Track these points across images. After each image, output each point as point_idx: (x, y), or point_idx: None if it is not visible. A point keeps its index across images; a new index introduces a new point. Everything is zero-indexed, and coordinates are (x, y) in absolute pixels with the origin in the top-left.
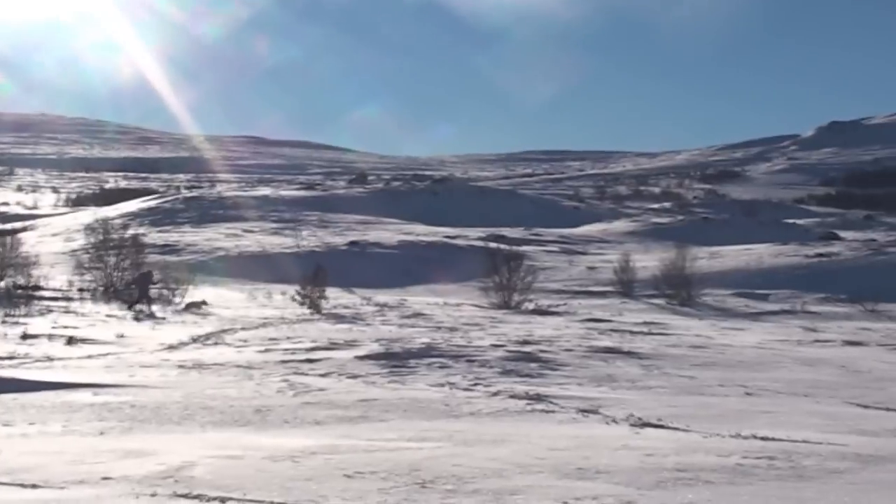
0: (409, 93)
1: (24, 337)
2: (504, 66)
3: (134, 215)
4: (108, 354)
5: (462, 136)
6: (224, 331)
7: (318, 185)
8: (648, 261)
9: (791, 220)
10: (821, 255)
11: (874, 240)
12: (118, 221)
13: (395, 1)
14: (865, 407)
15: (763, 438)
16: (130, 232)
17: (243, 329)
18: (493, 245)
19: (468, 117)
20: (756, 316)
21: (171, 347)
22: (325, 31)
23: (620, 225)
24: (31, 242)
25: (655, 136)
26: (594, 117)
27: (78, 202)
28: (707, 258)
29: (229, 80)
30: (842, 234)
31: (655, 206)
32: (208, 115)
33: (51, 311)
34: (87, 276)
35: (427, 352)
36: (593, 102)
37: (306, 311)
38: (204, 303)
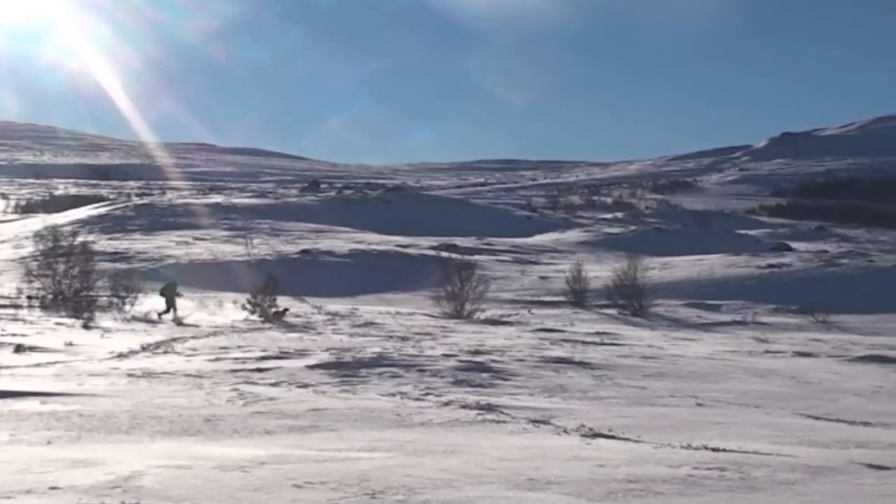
0: (363, 103)
1: None
2: (460, 78)
3: (84, 222)
4: (56, 363)
5: (416, 144)
6: (174, 339)
7: (270, 192)
8: (601, 271)
9: (743, 231)
10: (772, 266)
11: (826, 251)
12: (68, 229)
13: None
14: (815, 418)
15: (714, 449)
16: (80, 239)
17: (193, 338)
18: (445, 254)
19: (424, 127)
20: (708, 326)
21: (121, 356)
22: (283, 41)
23: (573, 235)
24: None
25: (608, 145)
26: (547, 127)
27: (27, 209)
28: (659, 269)
29: (183, 87)
30: (793, 245)
31: (608, 216)
32: (160, 122)
33: None
34: (36, 284)
35: (378, 361)
36: (546, 113)
37: (257, 319)
38: (287, 310)
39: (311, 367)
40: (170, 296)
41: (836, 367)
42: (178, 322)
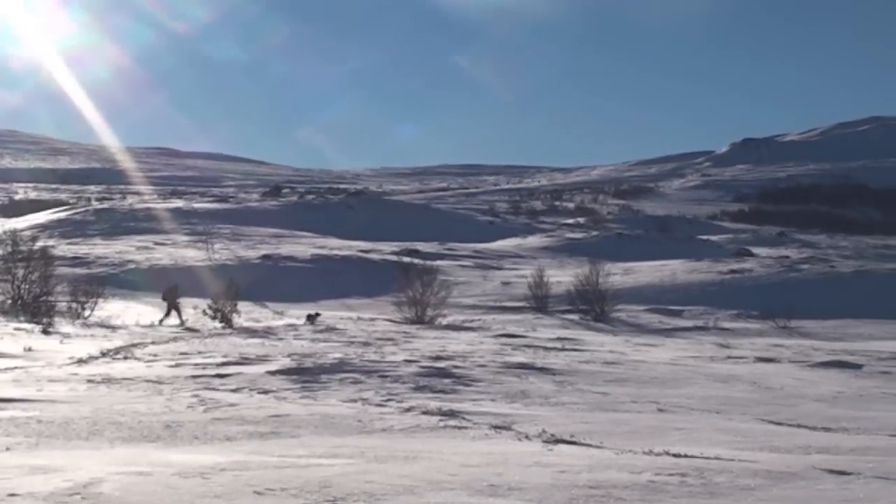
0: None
1: None
2: (424, 83)
3: (43, 227)
4: (15, 368)
5: (378, 149)
6: (134, 345)
7: (232, 197)
8: (563, 276)
9: (705, 237)
10: (734, 271)
11: (787, 256)
12: (27, 233)
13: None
14: (777, 424)
15: (675, 455)
16: (40, 244)
17: (154, 343)
18: (407, 259)
19: (385, 131)
20: (669, 332)
21: (81, 361)
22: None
23: (535, 240)
24: None
25: (570, 151)
26: (510, 132)
27: None
28: (621, 274)
29: (144, 91)
30: (755, 250)
31: (570, 221)
32: (121, 126)
33: None
34: None
35: (339, 367)
36: (509, 117)
37: (218, 325)
38: (318, 314)
39: (272, 373)
40: (172, 300)
41: (797, 372)
42: (182, 325)
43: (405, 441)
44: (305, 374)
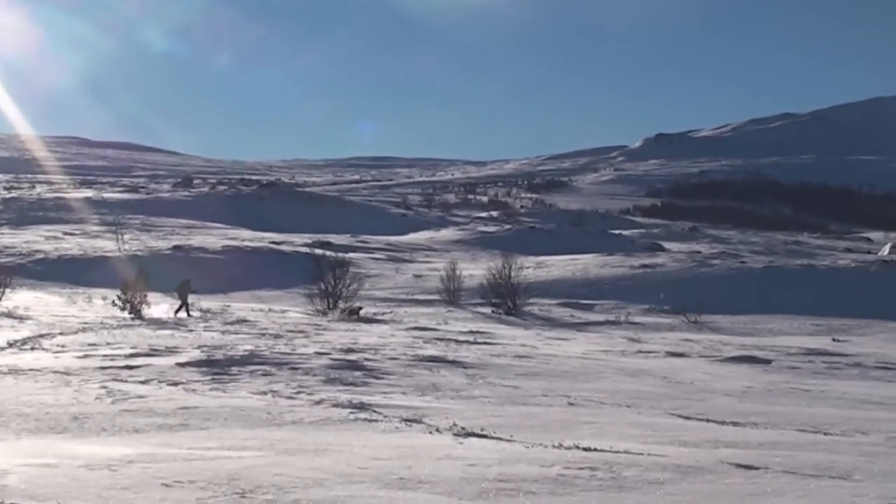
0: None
1: None
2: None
3: None
4: None
5: (291, 140)
6: (42, 335)
7: (143, 187)
8: (475, 269)
9: (617, 231)
10: (645, 266)
11: (698, 251)
12: None
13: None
14: (686, 418)
15: (585, 449)
16: None
17: (62, 334)
18: (319, 251)
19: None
20: (581, 326)
21: None
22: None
23: (448, 233)
24: None
25: (484, 144)
26: (423, 125)
27: None
28: (533, 268)
29: (54, 79)
30: (667, 245)
31: (483, 214)
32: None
33: None
34: None
35: (250, 359)
36: (422, 109)
37: (127, 316)
38: (361, 308)
39: (182, 365)
40: (184, 293)
41: (707, 367)
42: (189, 315)
43: (315, 434)
44: (215, 366)
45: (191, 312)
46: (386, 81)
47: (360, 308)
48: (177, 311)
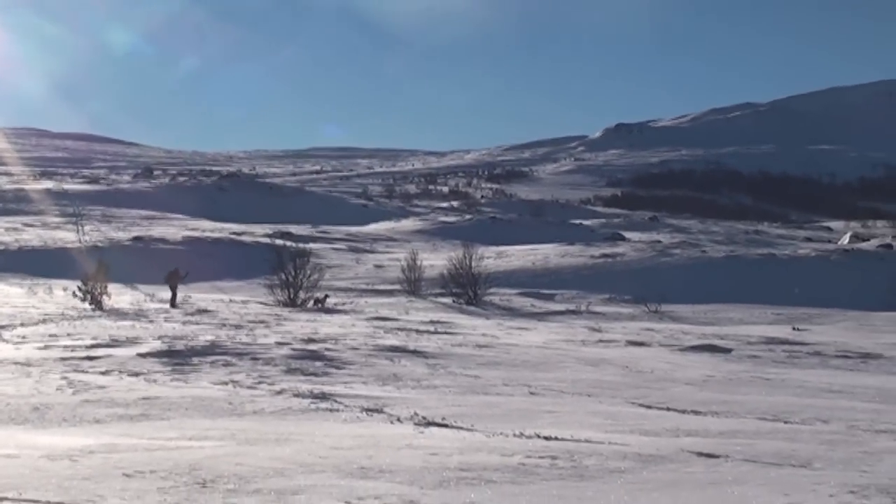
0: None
1: None
2: (294, 65)
3: None
4: None
5: (251, 131)
6: (2, 327)
7: (103, 179)
8: (436, 260)
9: (577, 221)
10: (606, 255)
11: (659, 241)
12: None
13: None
14: (647, 407)
15: (546, 438)
16: None
17: (22, 325)
18: (279, 242)
19: (257, 112)
20: (542, 316)
21: None
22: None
23: (408, 223)
24: None
25: (444, 135)
26: (383, 115)
27: None
28: (494, 258)
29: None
30: (627, 235)
31: (444, 205)
32: None
33: None
34: None
35: (211, 349)
36: (383, 101)
37: (88, 307)
38: (327, 296)
39: (143, 356)
40: (174, 284)
41: (667, 356)
42: (173, 305)
43: (276, 423)
44: (176, 357)
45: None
46: (346, 74)
47: (327, 296)
48: (172, 302)
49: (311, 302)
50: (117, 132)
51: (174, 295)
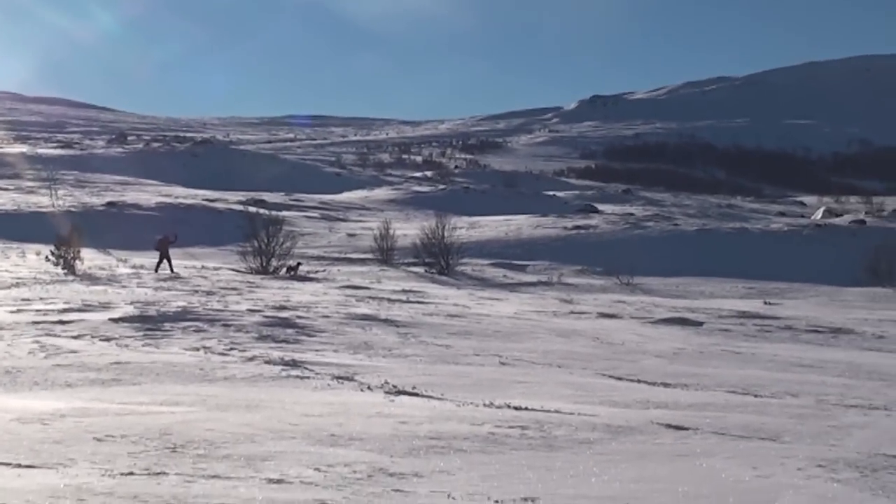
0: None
1: None
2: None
3: None
4: None
5: (225, 97)
6: None
7: (77, 143)
8: (409, 229)
9: (551, 193)
10: (579, 227)
11: (632, 214)
12: None
13: None
14: (617, 378)
15: (516, 408)
16: None
17: None
18: (252, 209)
19: (232, 77)
20: (513, 286)
21: None
22: None
23: (382, 193)
24: None
25: (419, 104)
26: (357, 84)
27: None
28: (467, 228)
29: None
30: (600, 207)
31: (417, 174)
32: None
33: None
34: None
35: (183, 315)
36: (357, 68)
37: (60, 271)
38: (300, 264)
39: (115, 321)
40: (164, 249)
41: (638, 328)
42: (172, 272)
43: (247, 390)
44: (148, 322)
45: (173, 269)
46: (321, 41)
47: (300, 264)
48: (157, 267)
49: (284, 270)
50: (91, 97)
51: (161, 261)
